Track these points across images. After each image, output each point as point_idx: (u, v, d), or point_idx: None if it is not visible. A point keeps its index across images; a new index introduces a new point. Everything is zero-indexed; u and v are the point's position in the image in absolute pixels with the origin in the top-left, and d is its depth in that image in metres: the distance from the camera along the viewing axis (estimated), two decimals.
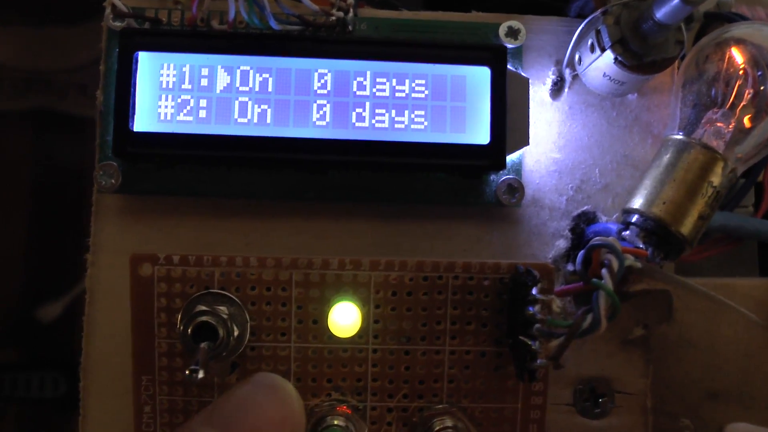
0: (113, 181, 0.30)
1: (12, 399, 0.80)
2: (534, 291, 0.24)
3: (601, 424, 0.32)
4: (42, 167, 0.87)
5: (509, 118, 0.30)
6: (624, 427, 0.32)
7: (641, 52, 0.29)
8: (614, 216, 0.32)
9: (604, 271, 0.25)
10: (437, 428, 0.27)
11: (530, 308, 0.24)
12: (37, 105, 0.85)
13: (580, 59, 0.31)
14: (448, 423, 0.27)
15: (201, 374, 0.24)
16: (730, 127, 0.30)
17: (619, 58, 0.29)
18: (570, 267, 0.31)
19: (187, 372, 0.24)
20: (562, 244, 0.32)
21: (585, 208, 0.32)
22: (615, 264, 0.25)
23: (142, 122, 0.29)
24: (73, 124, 0.86)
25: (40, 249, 0.85)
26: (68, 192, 0.87)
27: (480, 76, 0.30)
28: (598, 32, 0.29)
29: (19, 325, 0.83)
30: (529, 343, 0.24)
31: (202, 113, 0.29)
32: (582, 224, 0.32)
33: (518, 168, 0.31)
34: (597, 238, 0.26)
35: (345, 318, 0.27)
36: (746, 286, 0.36)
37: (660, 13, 0.27)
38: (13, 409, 0.82)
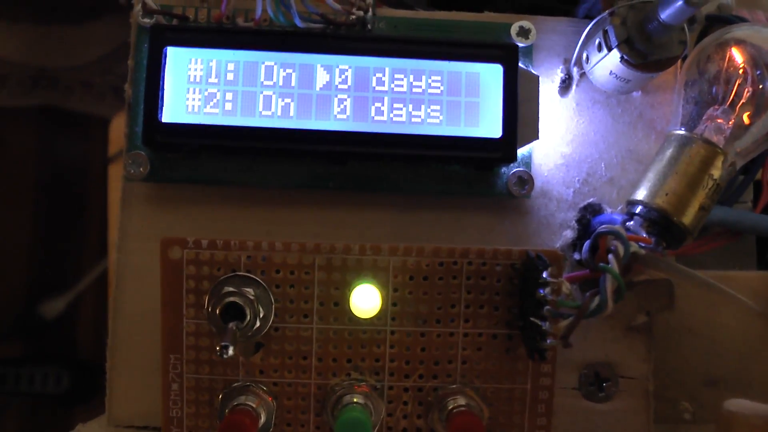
0: (141, 169, 0.31)
1: (15, 393, 0.81)
2: (545, 274, 0.26)
3: (606, 407, 0.33)
4: (47, 163, 0.88)
5: (520, 113, 0.31)
6: (627, 410, 0.33)
7: (646, 51, 0.30)
8: (618, 208, 0.33)
9: (610, 256, 0.26)
10: (451, 407, 0.28)
11: (541, 290, 0.26)
12: (44, 102, 0.87)
13: (587, 58, 0.33)
14: (461, 402, 0.28)
15: (231, 351, 0.25)
16: (730, 123, 0.31)
17: (626, 57, 0.30)
18: (576, 256, 0.33)
19: (218, 348, 0.25)
20: (569, 234, 0.33)
21: (591, 200, 0.33)
22: (621, 250, 0.26)
23: (170, 114, 0.30)
24: (78, 121, 0.87)
25: (44, 245, 0.86)
26: (72, 188, 0.88)
27: (493, 73, 0.31)
28: (605, 32, 0.31)
29: (23, 320, 0.84)
30: (540, 323, 0.26)
31: (228, 106, 0.30)
32: (588, 215, 0.33)
33: (528, 161, 0.33)
34: (604, 226, 0.28)
35: (365, 300, 0.28)
36: (744, 278, 0.37)
37: (665, 14, 0.28)
38: (17, 403, 0.83)
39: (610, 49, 0.31)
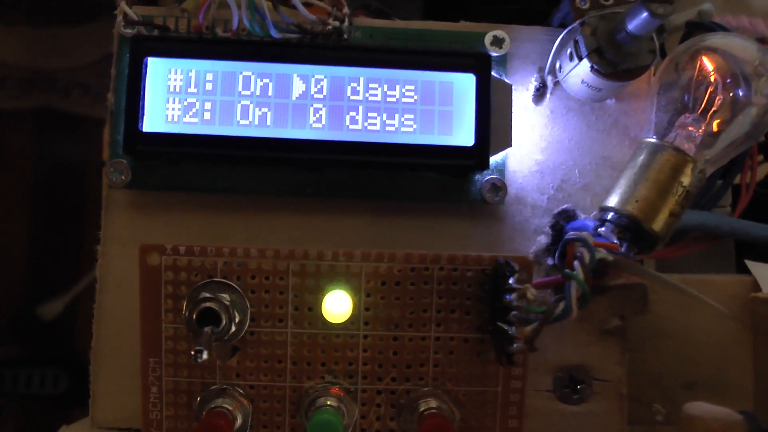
0: (123, 177, 0.32)
1: (13, 395, 0.82)
2: (511, 280, 0.26)
3: (580, 409, 0.34)
4: (44, 165, 0.89)
5: (493, 122, 0.32)
6: (601, 412, 0.34)
7: (616, 60, 0.31)
8: (592, 214, 0.34)
9: (576, 262, 0.27)
10: (422, 409, 0.29)
11: (507, 296, 0.26)
12: (41, 104, 0.87)
13: (560, 67, 0.33)
14: (433, 404, 0.29)
15: (205, 355, 0.26)
16: (701, 131, 0.32)
17: (595, 67, 0.31)
18: (550, 261, 0.33)
19: (192, 353, 0.26)
20: (543, 240, 0.34)
21: (565, 206, 0.34)
22: (587, 256, 0.27)
23: (150, 123, 0.31)
24: (75, 122, 0.88)
25: (42, 246, 0.86)
26: (70, 190, 0.89)
27: (466, 82, 0.32)
28: (576, 42, 0.31)
29: (21, 321, 0.85)
30: (506, 328, 0.26)
31: (207, 115, 0.31)
32: (562, 221, 0.34)
33: (502, 168, 0.33)
34: (571, 232, 0.28)
35: (338, 305, 0.29)
36: (722, 282, 0.38)
37: (631, 25, 0.29)
38: (14, 405, 0.84)
39: (580, 59, 0.31)
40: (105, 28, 0.34)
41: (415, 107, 0.31)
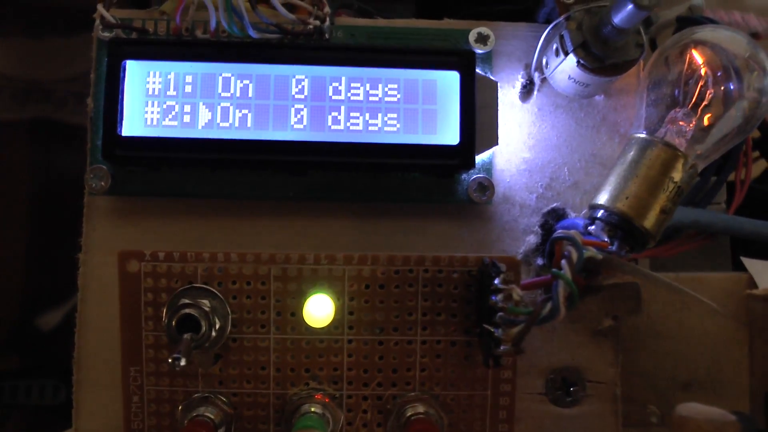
0: (103, 183, 0.31)
1: (12, 406, 0.81)
2: (497, 281, 0.26)
3: (573, 412, 0.33)
4: (40, 176, 0.88)
5: (478, 120, 0.31)
6: (595, 414, 0.33)
7: (602, 55, 0.30)
8: (583, 212, 0.33)
9: (563, 261, 0.26)
10: (410, 414, 0.28)
11: (493, 297, 0.26)
12: (36, 114, 0.87)
13: (547, 63, 0.33)
14: (420, 409, 0.28)
15: (183, 362, 0.25)
16: (691, 126, 0.31)
17: (582, 62, 0.30)
18: (540, 261, 0.33)
19: (170, 360, 0.25)
20: (532, 239, 0.33)
21: (554, 205, 0.33)
22: (574, 255, 0.26)
23: (129, 127, 0.31)
24: (70, 133, 0.87)
25: (40, 257, 0.86)
26: (66, 200, 0.88)
27: (450, 80, 0.31)
28: (561, 37, 0.31)
29: (20, 332, 0.84)
30: (493, 330, 0.26)
31: (187, 118, 0.30)
32: (551, 220, 0.33)
33: (489, 167, 0.32)
34: (559, 231, 0.28)
35: (320, 310, 0.28)
36: (717, 279, 0.37)
37: (617, 18, 0.28)
38: (14, 416, 0.83)
39: (566, 54, 0.30)
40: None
41: (399, 106, 0.31)
